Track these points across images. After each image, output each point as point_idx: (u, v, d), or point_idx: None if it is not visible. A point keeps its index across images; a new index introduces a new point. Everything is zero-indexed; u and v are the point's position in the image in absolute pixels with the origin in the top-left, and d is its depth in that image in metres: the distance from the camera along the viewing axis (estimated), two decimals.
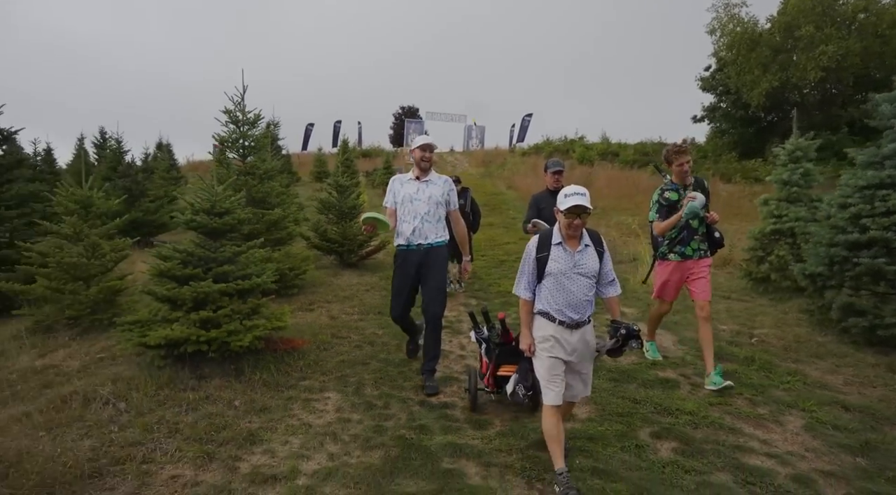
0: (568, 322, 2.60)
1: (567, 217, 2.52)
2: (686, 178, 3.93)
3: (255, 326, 3.62)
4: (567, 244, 2.62)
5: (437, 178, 3.80)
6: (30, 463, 2.47)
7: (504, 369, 3.19)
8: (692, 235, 3.93)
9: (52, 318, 4.33)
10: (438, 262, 3.70)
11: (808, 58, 19.86)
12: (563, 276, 2.60)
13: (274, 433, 2.98)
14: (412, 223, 3.67)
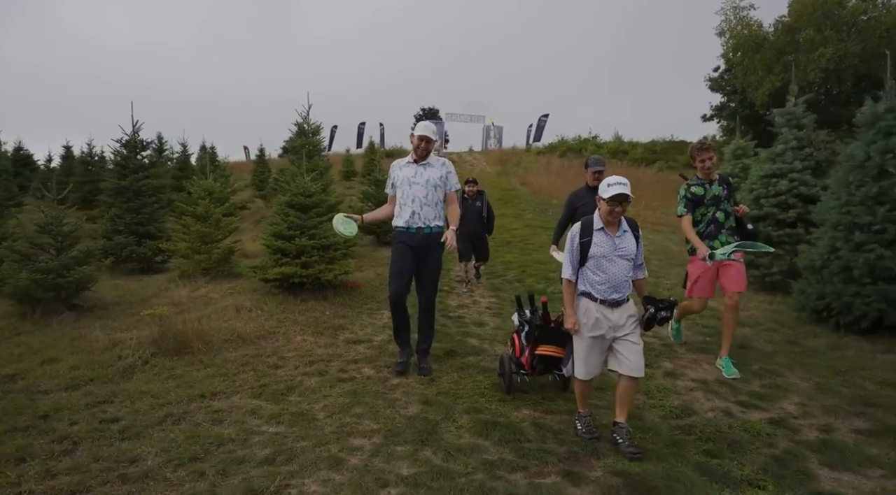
0: (609, 300, 2.81)
1: (609, 205, 2.73)
2: (711, 174, 4.04)
3: (333, 269, 5.64)
4: (608, 229, 2.82)
5: (435, 161, 3.87)
6: (210, 337, 4.47)
7: (542, 348, 3.29)
8: (719, 229, 3.98)
9: (192, 270, 6.44)
10: (435, 247, 3.76)
11: (809, 59, 21.15)
12: (604, 259, 2.80)
13: (353, 325, 4.97)
14: (411, 206, 3.74)
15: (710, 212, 4.00)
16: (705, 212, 4.01)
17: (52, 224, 5.13)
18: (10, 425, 3.02)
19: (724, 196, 4.01)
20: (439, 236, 3.75)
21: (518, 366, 3.42)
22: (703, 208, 4.01)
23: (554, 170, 21.84)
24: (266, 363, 4.03)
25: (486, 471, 2.58)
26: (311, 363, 4.03)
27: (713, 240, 3.97)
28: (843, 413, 3.31)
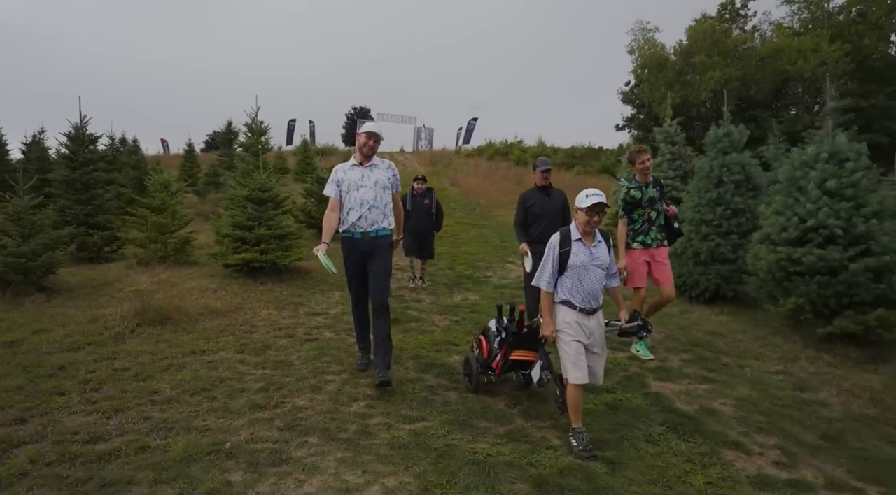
0: (587, 308, 2.96)
1: (588, 214, 2.90)
2: (648, 176, 4.44)
3: (289, 255, 6.45)
4: (585, 239, 2.99)
5: (380, 162, 3.83)
6: (187, 310, 5.15)
7: (517, 353, 3.47)
8: (651, 226, 4.44)
9: (149, 258, 6.94)
10: (384, 250, 3.76)
11: (701, 80, 24.26)
12: (582, 268, 2.94)
13: (310, 302, 5.83)
14: (359, 210, 3.69)
15: (646, 213, 4.45)
16: (642, 213, 4.46)
17: (21, 213, 5.51)
18: (35, 374, 3.66)
19: (657, 197, 4.49)
20: (387, 238, 3.77)
21: (487, 367, 3.59)
22: (640, 209, 4.45)
23: (482, 172, 23.34)
24: (241, 329, 4.83)
25: (429, 391, 3.65)
26: (280, 329, 4.88)
27: (645, 236, 4.45)
28: (677, 350, 4.72)
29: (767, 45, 25.79)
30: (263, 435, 2.92)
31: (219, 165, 19.97)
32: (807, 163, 5.13)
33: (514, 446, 2.92)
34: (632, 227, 4.49)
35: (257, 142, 8.08)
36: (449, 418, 3.22)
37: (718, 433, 3.18)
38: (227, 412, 3.21)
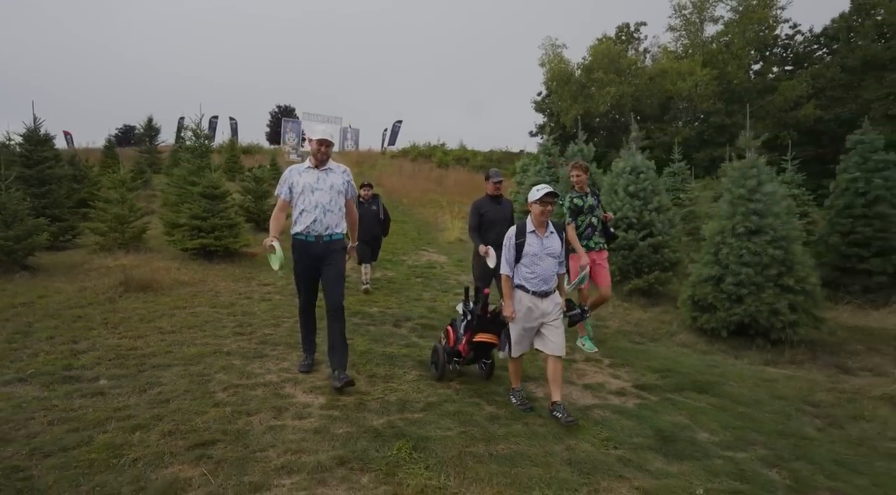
0: (540, 292, 3.37)
1: (541, 204, 3.31)
2: (583, 188, 5.03)
3: (238, 241, 7.95)
4: (538, 231, 3.39)
5: (336, 167, 3.88)
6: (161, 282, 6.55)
7: (481, 336, 3.76)
8: (594, 231, 4.99)
9: (109, 244, 8.11)
10: (338, 253, 3.81)
11: (600, 95, 27.72)
12: (535, 257, 3.36)
13: (259, 276, 7.38)
14: (313, 213, 3.72)
15: (587, 219, 5.02)
16: (584, 219, 5.02)
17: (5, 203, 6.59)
18: (62, 320, 5.05)
19: (596, 205, 5.08)
20: (340, 242, 3.82)
21: (455, 354, 3.92)
22: (582, 216, 5.02)
23: (406, 173, 25.24)
24: (208, 294, 6.35)
25: (358, 320, 5.45)
26: (239, 294, 6.46)
27: (589, 240, 4.99)
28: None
29: (655, 66, 29.94)
30: (246, 346, 4.60)
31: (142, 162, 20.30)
32: (618, 174, 7.53)
33: (409, 350, 4.83)
34: (577, 233, 4.99)
35: (203, 146, 9.40)
36: (369, 337, 5.06)
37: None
38: (217, 336, 4.83)
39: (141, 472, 2.61)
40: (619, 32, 32.60)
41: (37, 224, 6.84)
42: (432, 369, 4.11)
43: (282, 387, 3.76)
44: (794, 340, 4.99)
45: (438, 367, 4.00)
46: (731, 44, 28.35)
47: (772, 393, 4.08)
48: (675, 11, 30.14)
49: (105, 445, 2.82)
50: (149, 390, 3.60)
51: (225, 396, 3.55)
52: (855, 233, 7.32)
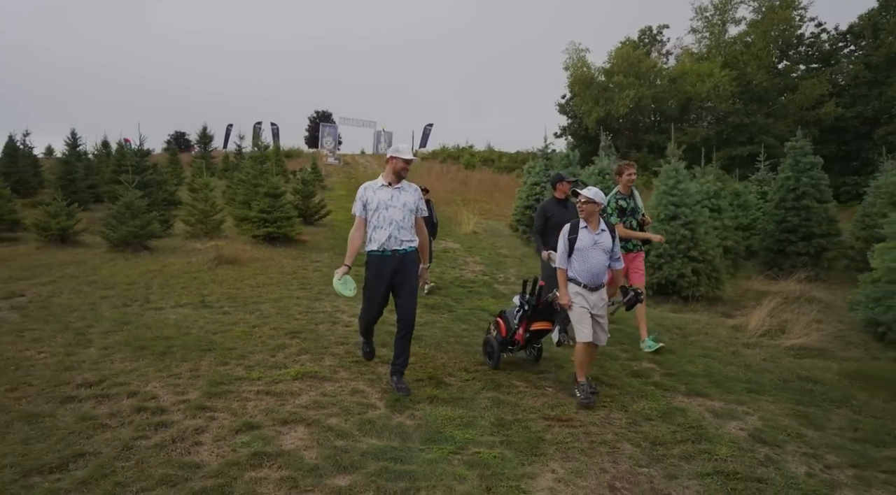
0: (590, 285, 3.81)
1: (579, 205, 3.89)
2: (630, 188, 5.13)
3: (294, 230, 10.42)
4: (590, 227, 3.84)
5: (407, 186, 4.04)
6: (242, 258, 9.04)
7: (536, 324, 4.21)
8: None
9: (197, 233, 10.72)
10: (413, 268, 3.98)
11: (620, 98, 29.30)
12: (586, 251, 3.78)
13: (310, 256, 9.81)
14: (387, 230, 3.88)
15: (628, 221, 5.17)
16: (627, 220, 5.20)
17: (132, 201, 9.26)
18: (184, 279, 7.54)
19: (637, 207, 5.23)
20: (413, 255, 3.99)
21: (510, 343, 4.37)
22: (626, 217, 5.19)
23: (434, 174, 27.56)
24: (276, 267, 8.78)
25: None
26: (298, 266, 8.87)
27: (627, 242, 5.13)
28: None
29: (676, 68, 31.26)
30: (308, 294, 6.96)
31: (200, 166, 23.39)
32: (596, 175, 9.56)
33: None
34: None
35: (262, 155, 11.94)
36: None
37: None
38: (288, 289, 7.23)
39: (263, 341, 4.97)
40: (642, 35, 33.99)
41: (150, 217, 9.47)
42: (486, 360, 4.55)
43: (334, 314, 6.09)
44: (697, 296, 6.97)
45: (493, 357, 4.45)
46: (751, 44, 29.39)
47: (658, 325, 6.11)
48: (697, 14, 31.37)
49: (241, 332, 5.21)
50: (254, 313, 5.99)
51: (300, 316, 5.91)
52: (786, 222, 9.13)
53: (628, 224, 5.23)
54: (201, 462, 2.96)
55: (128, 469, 2.85)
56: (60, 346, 4.70)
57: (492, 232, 14.50)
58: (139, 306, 6.16)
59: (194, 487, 2.70)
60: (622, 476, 3.02)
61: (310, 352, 4.76)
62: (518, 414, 3.72)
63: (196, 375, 4.14)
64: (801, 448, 3.37)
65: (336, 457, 3.05)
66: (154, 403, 3.64)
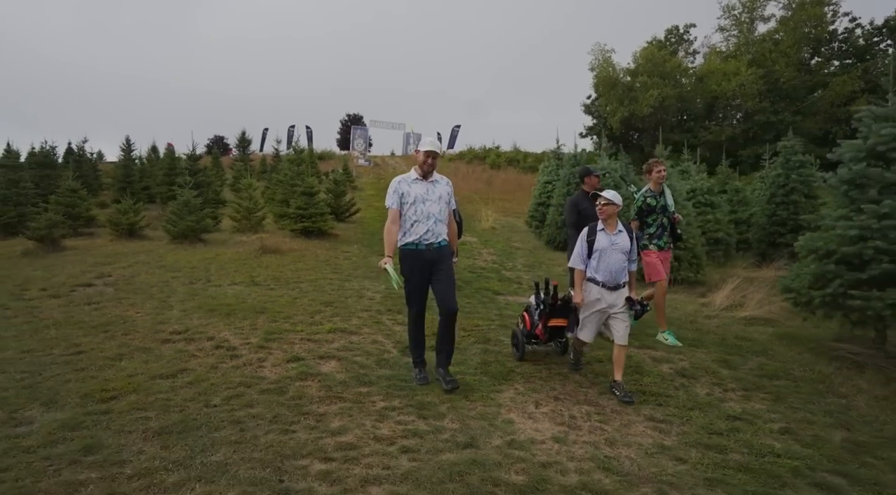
0: (609, 284, 4.01)
1: (601, 207, 4.10)
2: (660, 186, 5.20)
3: (327, 225, 11.81)
4: (607, 229, 4.05)
5: (440, 179, 4.15)
6: (282, 248, 10.46)
7: (553, 321, 4.50)
8: (664, 232, 5.32)
9: (241, 228, 12.26)
10: (449, 259, 4.13)
11: (644, 97, 29.87)
12: (604, 252, 3.99)
13: (341, 247, 11.17)
14: (426, 223, 3.98)
15: (659, 218, 5.24)
16: (656, 218, 5.27)
17: (189, 199, 10.85)
18: (235, 265, 8.99)
19: (668, 205, 5.29)
20: (448, 247, 4.11)
21: (532, 337, 4.66)
22: (654, 215, 5.26)
23: (460, 174, 28.78)
24: (311, 256, 10.16)
25: None
26: (330, 256, 10.22)
27: (659, 240, 5.25)
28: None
29: (702, 67, 31.56)
30: (339, 276, 8.27)
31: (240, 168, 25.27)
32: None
33: None
34: (647, 232, 5.31)
35: (299, 158, 13.39)
36: None
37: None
38: (322, 273, 8.56)
39: (304, 308, 6.29)
40: (669, 35, 34.34)
41: (204, 214, 11.02)
42: (514, 351, 4.88)
43: (360, 291, 7.37)
44: (679, 279, 7.94)
45: (519, 349, 4.80)
46: (780, 42, 29.48)
47: None
48: (725, 12, 31.59)
49: (286, 302, 6.55)
50: (295, 289, 7.33)
51: (333, 292, 7.22)
52: (776, 216, 9.95)
53: (658, 222, 5.32)
54: (264, 376, 4.26)
55: (216, 378, 4.17)
56: (150, 309, 6.13)
57: (509, 228, 15.61)
58: (203, 284, 7.59)
59: (262, 388, 4.00)
60: (566, 392, 4.15)
61: (340, 316, 6.05)
62: (498, 358, 4.88)
63: (255, 328, 5.47)
64: (711, 380, 4.42)
65: (358, 377, 4.30)
66: (227, 344, 4.98)
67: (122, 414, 3.53)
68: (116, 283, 7.50)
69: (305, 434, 3.33)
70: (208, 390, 3.94)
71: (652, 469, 3.09)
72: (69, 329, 5.36)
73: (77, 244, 10.76)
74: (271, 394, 3.90)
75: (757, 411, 3.89)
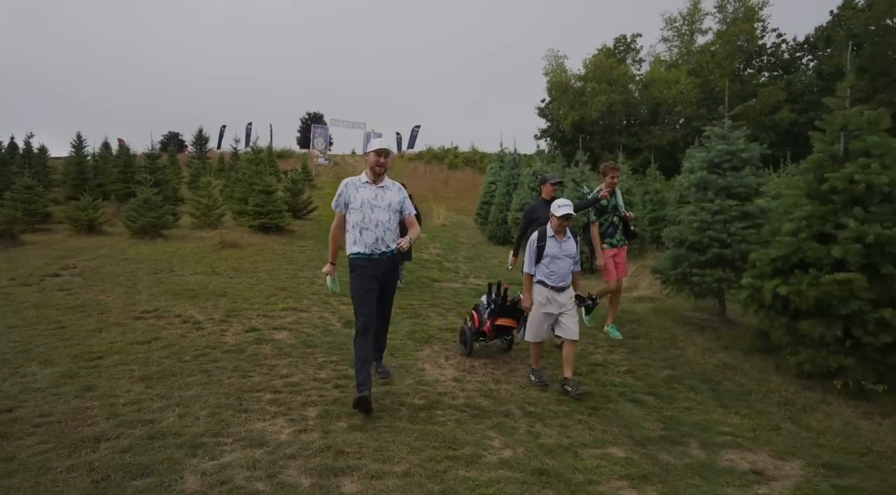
0: (557, 287, 4.31)
1: (559, 220, 4.24)
2: (613, 188, 5.56)
3: (283, 221, 12.65)
4: (557, 236, 4.32)
5: (391, 184, 4.03)
6: (241, 243, 11.26)
7: (501, 320, 4.82)
8: (615, 230, 5.65)
9: (200, 224, 12.94)
10: (396, 268, 4.23)
11: (592, 103, 31.67)
12: (554, 258, 4.28)
13: (298, 243, 12.04)
14: (374, 232, 3.86)
15: (610, 217, 5.61)
16: (607, 218, 5.64)
17: (149, 196, 11.48)
18: (195, 258, 9.76)
19: (619, 205, 5.66)
20: (397, 257, 4.06)
21: (480, 334, 4.95)
22: (606, 215, 5.64)
23: (418, 174, 29.86)
24: (268, 250, 11.00)
25: None
26: (286, 250, 11.09)
27: (612, 238, 5.63)
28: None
29: (647, 74, 33.70)
30: (294, 267, 9.19)
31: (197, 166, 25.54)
32: (530, 175, 11.83)
33: None
34: (600, 230, 5.61)
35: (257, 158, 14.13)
36: None
37: None
38: (278, 264, 9.46)
39: (260, 292, 7.21)
40: (618, 44, 36.40)
41: (165, 210, 11.68)
42: (461, 347, 5.11)
43: (313, 279, 8.32)
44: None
45: (467, 345, 5.03)
46: (716, 53, 31.86)
47: None
48: (667, 24, 33.82)
49: (244, 287, 7.45)
50: (253, 278, 8.22)
51: (287, 280, 8.15)
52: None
53: (609, 221, 5.67)
54: (226, 342, 5.21)
55: (185, 343, 5.09)
56: (120, 294, 6.92)
57: (459, 225, 16.78)
58: (167, 273, 8.37)
59: (224, 349, 4.96)
60: (474, 352, 5.27)
61: (293, 298, 7.01)
62: (423, 329, 5.97)
63: (217, 307, 6.38)
64: (587, 340, 5.65)
65: (305, 342, 5.30)
66: (193, 319, 5.88)
67: (109, 368, 4.42)
68: (84, 273, 8.19)
69: (260, 377, 4.32)
70: (180, 351, 4.87)
71: (521, 396, 4.23)
72: (48, 310, 6.13)
73: (36, 239, 11.26)
74: (232, 353, 4.87)
75: (613, 360, 5.13)
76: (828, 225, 4.43)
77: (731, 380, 4.69)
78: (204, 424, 3.49)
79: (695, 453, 3.46)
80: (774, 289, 4.52)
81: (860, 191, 4.28)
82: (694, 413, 4.08)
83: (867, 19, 26.46)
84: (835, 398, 4.25)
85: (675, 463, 3.32)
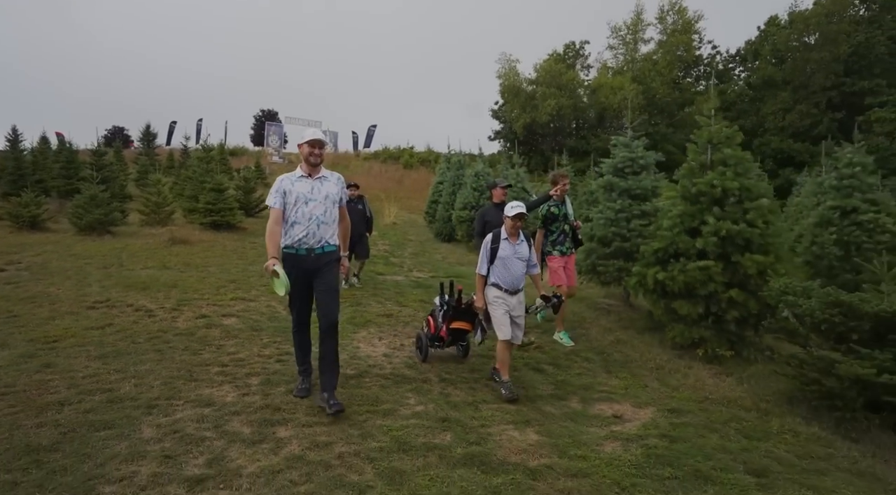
0: (510, 289, 4.34)
1: (513, 220, 4.28)
2: (563, 196, 5.68)
3: (235, 219, 12.96)
4: (511, 239, 4.34)
5: (330, 175, 3.87)
6: (192, 240, 11.54)
7: (456, 323, 4.78)
8: (566, 238, 5.81)
9: (151, 222, 13.07)
10: (331, 265, 3.80)
11: (543, 106, 32.96)
12: (507, 260, 4.31)
13: (249, 240, 12.40)
14: (306, 226, 3.69)
15: (561, 226, 5.74)
16: (559, 226, 5.76)
17: (95, 193, 11.55)
18: (145, 254, 10.03)
19: (569, 213, 5.81)
20: (334, 254, 3.82)
21: (436, 339, 4.88)
22: (557, 223, 5.75)
23: (373, 173, 30.31)
24: (219, 246, 11.33)
25: None
26: (237, 246, 11.45)
27: (562, 246, 5.78)
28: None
29: (594, 80, 35.34)
30: (244, 262, 9.62)
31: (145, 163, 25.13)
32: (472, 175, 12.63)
33: None
34: (550, 239, 5.78)
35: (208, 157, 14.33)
36: None
37: None
38: (229, 260, 9.86)
39: (211, 284, 7.67)
40: (567, 50, 37.95)
41: (113, 207, 11.81)
42: (417, 354, 5.09)
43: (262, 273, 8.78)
44: None
45: (423, 351, 4.99)
46: (657, 62, 33.79)
47: None
48: (613, 33, 35.57)
49: (195, 280, 7.88)
50: (203, 271, 8.63)
51: (237, 273, 8.61)
52: None
53: (560, 229, 5.83)
54: (178, 326, 5.70)
55: (138, 328, 5.56)
56: (71, 286, 7.23)
57: (409, 223, 17.46)
58: (116, 268, 8.66)
59: (175, 333, 5.46)
60: (405, 333, 5.96)
61: (242, 289, 7.51)
62: (363, 314, 6.61)
63: (168, 298, 6.81)
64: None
65: (252, 326, 5.86)
66: (145, 308, 6.31)
67: (66, 349, 4.86)
68: (30, 268, 8.39)
69: (209, 355, 4.88)
70: (133, 335, 5.34)
71: (440, 368, 4.95)
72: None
73: None
74: (183, 336, 5.37)
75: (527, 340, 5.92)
76: (696, 221, 5.37)
77: (620, 352, 5.58)
78: (158, 391, 4.03)
79: (573, 405, 4.28)
80: (655, 276, 5.42)
81: (718, 193, 5.23)
82: (583, 377, 4.91)
83: (788, 36, 28.82)
84: (696, 363, 5.19)
85: (556, 412, 4.12)
